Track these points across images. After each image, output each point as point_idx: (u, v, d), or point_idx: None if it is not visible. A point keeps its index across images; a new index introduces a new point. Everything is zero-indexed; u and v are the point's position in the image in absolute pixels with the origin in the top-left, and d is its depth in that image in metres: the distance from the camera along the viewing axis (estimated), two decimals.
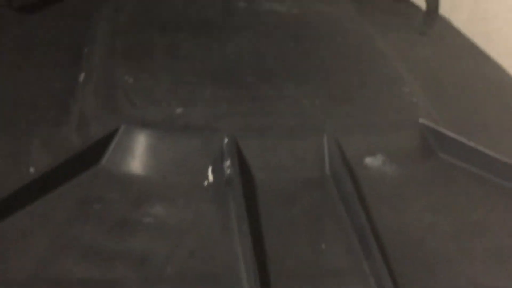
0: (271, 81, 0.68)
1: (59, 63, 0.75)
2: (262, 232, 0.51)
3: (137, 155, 0.58)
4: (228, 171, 0.56)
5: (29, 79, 0.71)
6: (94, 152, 0.57)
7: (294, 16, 0.87)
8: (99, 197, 0.54)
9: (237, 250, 0.48)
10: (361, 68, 0.74)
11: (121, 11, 0.86)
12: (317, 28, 0.83)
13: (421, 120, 0.64)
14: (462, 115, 0.70)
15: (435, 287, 0.48)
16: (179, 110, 0.61)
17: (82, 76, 0.70)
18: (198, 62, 0.71)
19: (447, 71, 0.80)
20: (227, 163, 0.56)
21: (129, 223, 0.51)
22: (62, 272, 0.46)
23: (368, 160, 0.60)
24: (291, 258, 0.49)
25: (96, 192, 0.55)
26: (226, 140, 0.58)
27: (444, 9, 1.05)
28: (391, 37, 0.86)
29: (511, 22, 0.93)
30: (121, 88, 0.65)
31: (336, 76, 0.71)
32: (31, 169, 0.56)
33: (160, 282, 0.46)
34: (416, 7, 1.07)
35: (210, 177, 0.57)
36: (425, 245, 0.52)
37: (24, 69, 0.73)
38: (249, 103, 0.64)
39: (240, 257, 0.48)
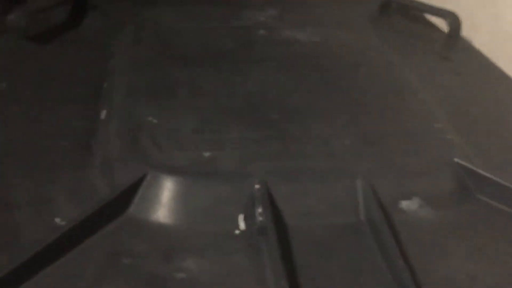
0: (297, 119, 0.66)
1: (78, 98, 0.73)
2: (299, 286, 0.49)
3: (165, 202, 0.56)
4: (260, 218, 0.54)
5: (48, 117, 0.70)
6: (122, 201, 0.55)
7: (316, 45, 0.85)
8: (128, 250, 0.52)
9: None
10: (389, 103, 0.72)
11: (140, 43, 0.84)
12: (339, 59, 0.82)
13: (456, 160, 0.61)
14: (496, 150, 0.68)
15: None
16: (206, 154, 0.59)
17: (103, 114, 0.68)
18: (221, 99, 0.69)
19: (475, 100, 0.78)
20: (259, 210, 0.54)
21: (161, 280, 0.49)
22: None
23: (404, 204, 0.58)
24: None
25: (124, 244, 0.53)
26: (257, 186, 0.56)
27: (464, 29, 1.03)
28: (415, 64, 0.84)
29: None
30: (145, 130, 0.63)
31: (364, 112, 0.69)
32: (57, 220, 0.54)
33: None
34: (436, 28, 1.05)
35: (242, 225, 0.55)
36: None
37: (43, 105, 0.72)
38: (277, 145, 0.62)
39: None
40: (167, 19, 0.92)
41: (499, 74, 0.88)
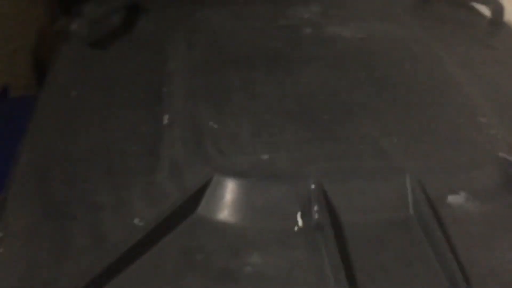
0: (346, 119, 0.71)
1: (140, 103, 0.79)
2: (356, 280, 0.54)
3: (230, 203, 0.62)
4: (317, 215, 0.59)
5: (116, 122, 0.76)
6: (191, 203, 0.61)
7: (360, 41, 0.88)
8: (199, 247, 0.58)
9: None
10: (435, 98, 0.75)
11: (193, 46, 0.89)
12: (384, 54, 0.85)
13: (501, 154, 0.65)
14: None
15: None
16: (265, 157, 0.65)
17: (166, 119, 0.74)
18: (274, 101, 0.74)
19: None
20: (315, 207, 0.60)
21: (231, 273, 0.55)
22: None
23: (451, 198, 0.62)
24: None
25: (196, 241, 0.59)
26: (312, 186, 0.61)
27: (508, 12, 1.04)
28: (459, 55, 0.86)
29: None
30: (207, 134, 0.68)
31: (411, 110, 0.72)
32: (136, 220, 0.61)
33: None
34: (479, 14, 1.06)
35: (300, 222, 0.60)
36: None
37: (109, 111, 0.78)
38: (329, 145, 0.66)
39: None
40: (217, 20, 0.97)
41: None
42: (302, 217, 0.61)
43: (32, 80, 1.34)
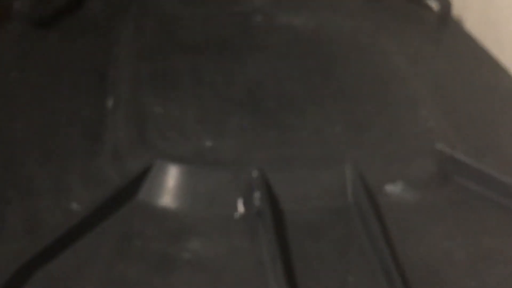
0: (293, 107, 0.71)
1: (84, 87, 0.78)
2: (293, 266, 0.55)
3: (171, 189, 0.61)
4: (258, 203, 0.60)
5: (58, 105, 0.74)
6: (131, 188, 0.61)
7: (311, 31, 0.89)
8: (138, 233, 0.58)
9: (272, 283, 0.53)
10: (380, 90, 0.76)
11: (141, 30, 0.88)
12: (333, 45, 0.86)
13: (437, 146, 0.67)
14: (479, 136, 0.73)
15: None
16: (208, 144, 0.65)
17: (110, 103, 0.73)
18: (221, 88, 0.74)
19: (462, 86, 0.82)
20: (257, 195, 0.60)
21: (169, 259, 0.55)
22: None
23: (389, 188, 0.64)
24: None
25: (135, 227, 0.58)
26: (255, 174, 0.61)
27: (456, 8, 1.07)
28: (406, 49, 0.88)
29: None
30: (151, 119, 0.68)
31: (355, 100, 0.74)
32: (73, 205, 0.60)
33: None
34: (428, 8, 1.08)
35: (241, 209, 0.61)
36: (442, 275, 0.56)
37: (52, 94, 0.76)
38: (273, 133, 0.67)
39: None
40: (167, 5, 0.95)
41: (487, 59, 0.91)
42: (243, 204, 0.61)
43: None
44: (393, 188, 0.64)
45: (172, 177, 0.61)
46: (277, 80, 0.76)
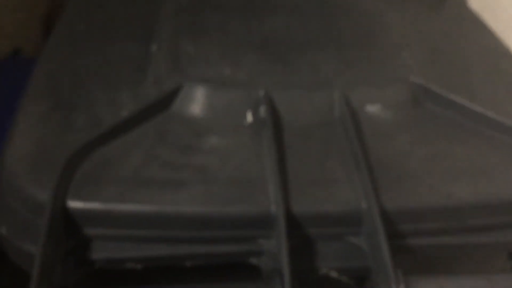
0: (297, 49, 0.89)
1: (135, 36, 0.97)
2: (285, 153, 0.72)
3: (197, 103, 0.80)
4: (263, 114, 0.77)
5: (114, 49, 0.94)
6: (166, 101, 0.80)
7: None
8: (171, 131, 0.76)
9: (267, 165, 0.70)
10: (371, 38, 0.93)
11: None
12: (337, 6, 1.02)
13: (411, 78, 0.82)
14: (453, 76, 0.88)
15: (405, 192, 0.68)
16: (227, 71, 0.83)
17: (154, 47, 0.92)
18: (241, 36, 0.92)
19: (450, 41, 0.97)
20: (262, 108, 0.78)
21: (193, 147, 0.74)
22: (150, 175, 0.69)
23: (368, 108, 0.80)
24: (304, 170, 0.70)
25: (169, 127, 0.77)
26: (261, 93, 0.79)
27: None
28: (403, 11, 1.03)
29: None
30: (184, 56, 0.87)
31: (349, 45, 0.90)
32: (123, 112, 0.79)
33: (213, 183, 0.68)
34: None
35: (250, 118, 0.79)
36: (402, 165, 0.72)
37: (110, 41, 0.96)
38: (279, 66, 0.85)
39: (268, 170, 0.69)
40: None
41: (482, 27, 1.05)
42: (252, 115, 0.79)
43: (42, 47, 1.52)
44: (372, 108, 0.80)
45: (198, 94, 0.80)
46: (287, 31, 0.94)
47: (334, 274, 0.67)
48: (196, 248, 0.68)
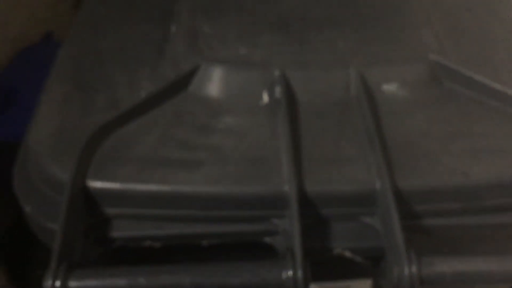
0: (314, 28, 0.88)
1: (154, 18, 0.98)
2: (299, 133, 0.73)
3: (214, 83, 0.80)
4: (278, 94, 0.78)
5: (135, 30, 0.95)
6: (184, 81, 0.80)
7: None
8: (188, 111, 0.77)
9: (281, 145, 0.71)
10: (390, 16, 0.91)
11: None
12: None
13: (431, 56, 0.81)
14: (473, 53, 0.86)
15: (420, 172, 0.68)
16: (243, 51, 0.83)
17: (173, 29, 0.93)
18: (258, 16, 0.92)
19: (471, 16, 0.94)
20: (278, 88, 0.78)
21: (209, 127, 0.75)
22: (166, 155, 0.70)
23: (385, 87, 0.79)
24: (318, 149, 0.71)
25: (185, 108, 0.78)
26: (277, 73, 0.79)
27: None
28: None
29: None
30: (201, 36, 0.87)
31: (367, 23, 0.89)
32: (142, 93, 0.80)
33: (229, 162, 0.69)
34: None
35: (265, 98, 0.79)
36: (419, 144, 0.71)
37: (130, 23, 0.97)
38: (295, 45, 0.84)
39: (283, 147, 0.70)
40: None
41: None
42: (267, 95, 0.79)
43: None
44: (389, 87, 0.79)
45: (214, 74, 0.80)
46: (304, 9, 0.93)
47: (348, 254, 0.67)
48: (211, 227, 0.69)
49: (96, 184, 0.69)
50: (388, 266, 0.64)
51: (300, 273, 0.60)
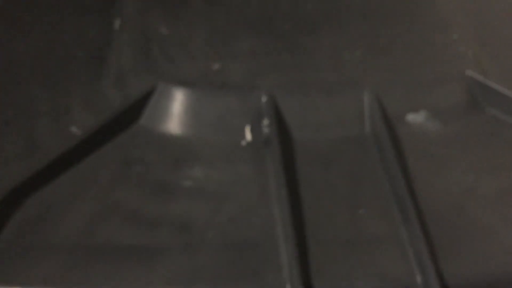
0: (309, 30, 0.65)
1: (91, 7, 0.74)
2: (300, 196, 0.52)
3: (175, 113, 0.58)
4: (266, 130, 0.56)
5: (65, 26, 0.70)
6: (133, 111, 0.58)
7: None
8: (139, 159, 0.55)
9: (276, 216, 0.49)
10: (405, 12, 0.69)
11: None
12: None
13: (467, 73, 0.60)
14: None
15: (473, 256, 0.48)
16: (216, 66, 0.60)
17: (117, 24, 0.69)
18: (235, 8, 0.69)
19: (501, 13, 0.74)
20: (266, 122, 0.56)
21: (169, 187, 0.52)
22: (107, 237, 0.48)
23: (410, 117, 0.59)
24: (329, 224, 0.50)
25: (136, 153, 0.56)
26: (264, 99, 0.57)
27: None
28: None
29: None
30: (156, 40, 0.63)
31: (378, 22, 0.67)
32: (73, 128, 0.57)
33: (201, 249, 0.48)
34: None
35: (248, 136, 0.57)
36: (465, 211, 0.51)
37: (57, 14, 0.72)
38: (287, 56, 0.62)
39: (278, 223, 0.49)
40: None
41: None
42: (251, 131, 0.57)
43: None
44: (415, 117, 0.59)
45: (176, 101, 0.58)
46: (294, 5, 0.70)
47: None
48: None
49: None
50: None
51: None
